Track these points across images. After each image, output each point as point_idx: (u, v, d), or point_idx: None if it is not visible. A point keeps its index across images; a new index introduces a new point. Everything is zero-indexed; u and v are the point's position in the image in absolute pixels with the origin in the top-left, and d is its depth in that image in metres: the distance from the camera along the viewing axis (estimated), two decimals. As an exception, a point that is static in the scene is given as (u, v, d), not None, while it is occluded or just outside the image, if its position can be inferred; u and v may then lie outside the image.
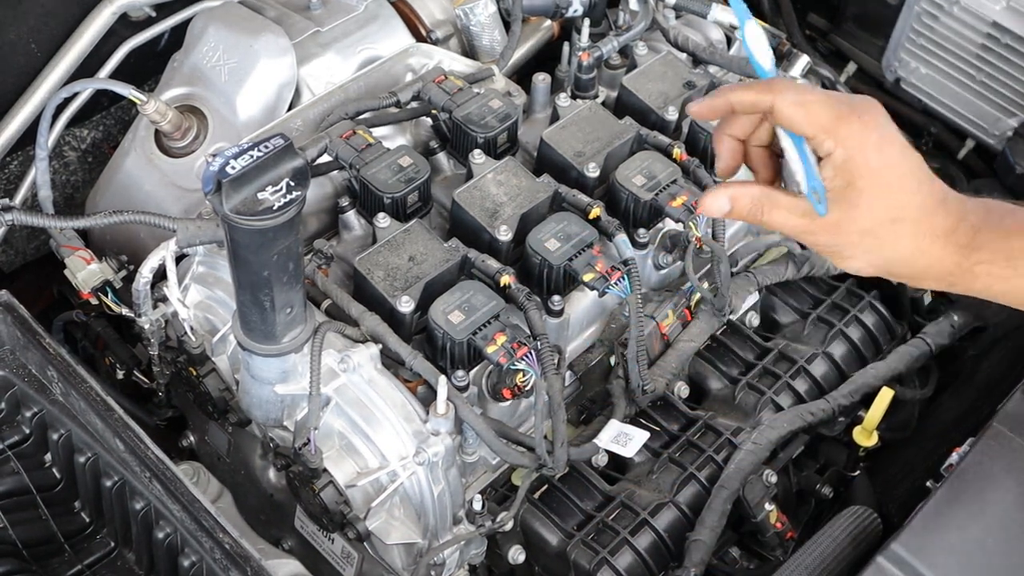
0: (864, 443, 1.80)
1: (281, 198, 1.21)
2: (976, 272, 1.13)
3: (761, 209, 1.14)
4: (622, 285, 1.61)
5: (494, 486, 1.68)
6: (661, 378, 1.73)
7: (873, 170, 1.08)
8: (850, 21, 2.62)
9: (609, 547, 1.56)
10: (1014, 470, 1.46)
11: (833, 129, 1.07)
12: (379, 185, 1.66)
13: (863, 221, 1.10)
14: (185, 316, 1.57)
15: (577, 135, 1.78)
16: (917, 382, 1.98)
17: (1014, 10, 2.18)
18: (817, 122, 1.08)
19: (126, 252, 1.76)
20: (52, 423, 1.62)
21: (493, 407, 1.61)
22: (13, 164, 2.09)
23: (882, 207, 1.10)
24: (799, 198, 1.12)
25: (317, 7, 1.98)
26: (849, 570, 1.51)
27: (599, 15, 2.07)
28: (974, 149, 2.45)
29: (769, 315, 1.97)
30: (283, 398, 1.52)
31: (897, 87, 2.50)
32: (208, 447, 1.85)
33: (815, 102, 1.08)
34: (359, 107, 1.80)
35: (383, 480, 1.51)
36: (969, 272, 1.13)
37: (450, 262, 1.59)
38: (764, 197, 1.14)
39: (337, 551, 1.68)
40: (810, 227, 1.13)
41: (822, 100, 1.09)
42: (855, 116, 1.08)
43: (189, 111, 1.85)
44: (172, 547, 1.55)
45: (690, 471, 1.66)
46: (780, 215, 1.14)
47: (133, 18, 2.07)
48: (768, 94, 1.10)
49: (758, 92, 1.11)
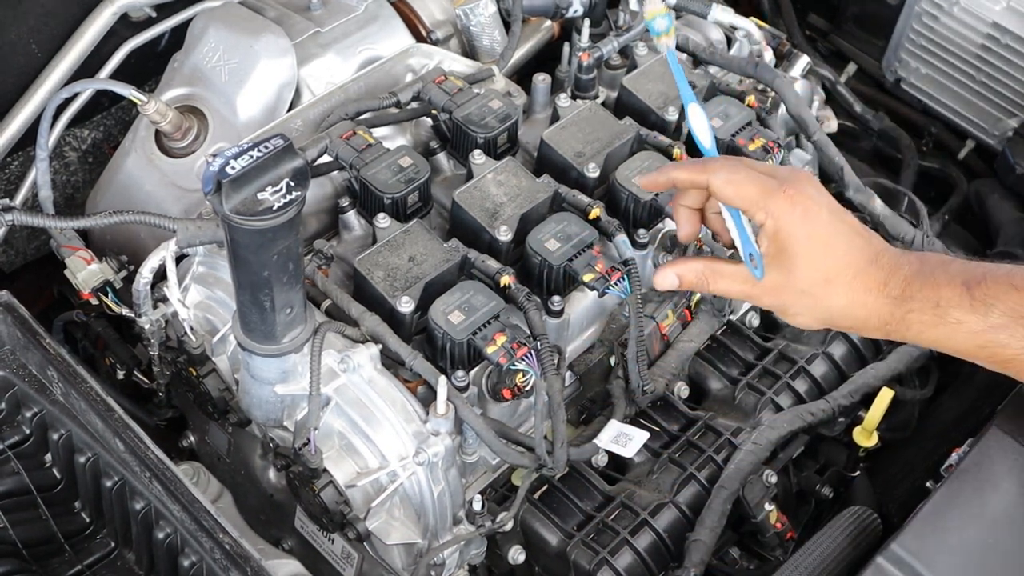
0: (864, 443, 1.80)
1: (281, 198, 1.21)
2: (908, 321, 1.23)
3: (707, 280, 1.29)
4: (622, 285, 1.61)
5: (494, 486, 1.68)
6: (661, 378, 1.74)
7: (801, 238, 1.21)
8: (850, 21, 2.62)
9: (609, 547, 1.56)
10: (1014, 470, 1.46)
11: (762, 203, 1.21)
12: (379, 185, 1.66)
13: (799, 283, 1.23)
14: (185, 316, 1.57)
15: (577, 135, 1.78)
16: (917, 382, 1.98)
17: (1014, 10, 2.18)
18: (747, 197, 1.22)
19: (126, 252, 1.76)
20: (52, 423, 1.62)
21: (493, 407, 1.61)
22: (13, 164, 2.09)
23: (814, 269, 1.22)
24: (740, 266, 1.26)
25: (317, 7, 1.98)
26: (849, 570, 1.51)
27: (599, 15, 2.07)
28: (974, 149, 2.45)
29: (769, 315, 1.97)
30: (283, 398, 1.52)
31: (897, 87, 2.50)
32: (208, 447, 1.85)
33: (744, 180, 1.22)
34: (359, 107, 1.80)
35: (383, 480, 1.51)
36: (902, 321, 1.23)
37: (450, 262, 1.59)
38: (708, 270, 1.29)
39: (337, 551, 1.68)
40: (752, 292, 1.27)
41: (751, 178, 1.22)
42: (781, 190, 1.21)
43: (189, 111, 1.85)
44: (172, 547, 1.55)
45: (690, 471, 1.66)
46: (724, 283, 1.28)
47: (133, 18, 2.07)
48: (703, 174, 1.25)
49: (694, 172, 1.26)
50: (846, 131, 2.51)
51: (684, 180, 1.28)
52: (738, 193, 1.22)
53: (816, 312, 1.26)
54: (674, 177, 1.29)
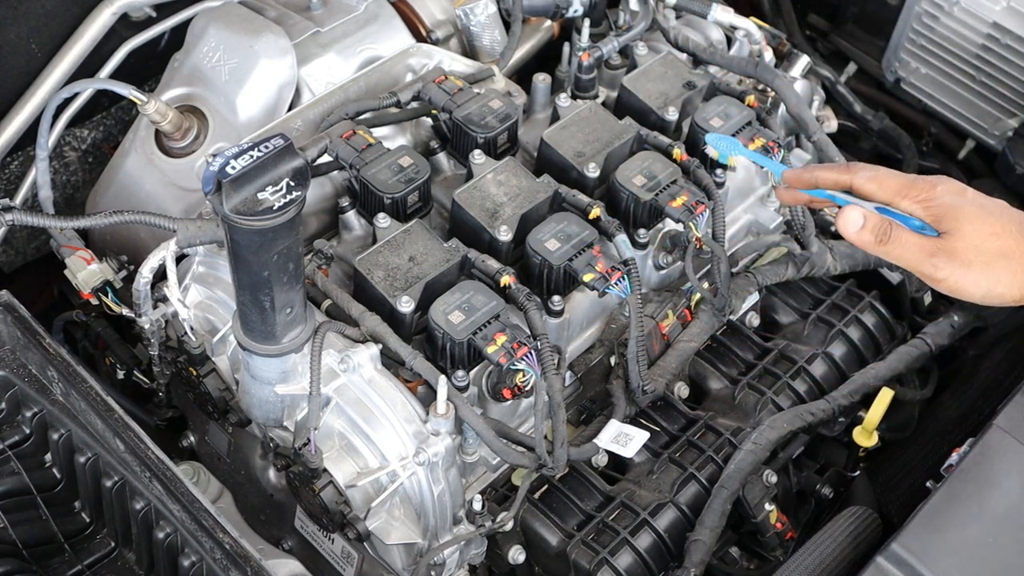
0: (864, 443, 1.80)
1: (281, 198, 1.21)
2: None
3: (887, 234, 1.30)
4: (622, 285, 1.61)
5: (494, 486, 1.68)
6: (661, 378, 1.73)
7: (954, 205, 1.27)
8: (850, 21, 2.62)
9: (609, 547, 1.56)
10: (1014, 470, 1.46)
11: (904, 191, 1.30)
12: (379, 185, 1.66)
13: (969, 239, 1.27)
14: (185, 316, 1.57)
15: (577, 135, 1.78)
16: (917, 382, 1.99)
17: (1014, 10, 2.18)
18: (890, 187, 1.30)
19: (126, 252, 1.76)
20: (52, 423, 1.62)
21: (493, 407, 1.61)
22: (13, 164, 2.09)
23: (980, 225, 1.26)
24: (912, 233, 1.29)
25: (317, 7, 1.98)
26: (849, 570, 1.51)
27: (599, 15, 2.07)
28: (974, 149, 2.45)
29: (769, 315, 1.97)
30: (283, 398, 1.52)
31: (897, 87, 2.50)
32: (208, 447, 1.85)
33: (885, 176, 1.32)
34: (359, 107, 1.80)
35: (383, 480, 1.51)
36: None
37: (450, 262, 1.59)
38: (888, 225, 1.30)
39: (337, 551, 1.68)
40: (926, 258, 1.28)
41: (891, 173, 1.32)
42: (920, 180, 1.30)
43: (189, 111, 1.85)
44: (172, 547, 1.55)
45: (690, 471, 1.66)
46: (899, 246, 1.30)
47: (133, 18, 2.07)
48: (847, 174, 1.35)
49: (839, 172, 1.36)
50: (846, 131, 2.51)
51: (829, 180, 1.36)
52: (882, 186, 1.31)
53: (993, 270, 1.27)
54: (819, 176, 1.37)
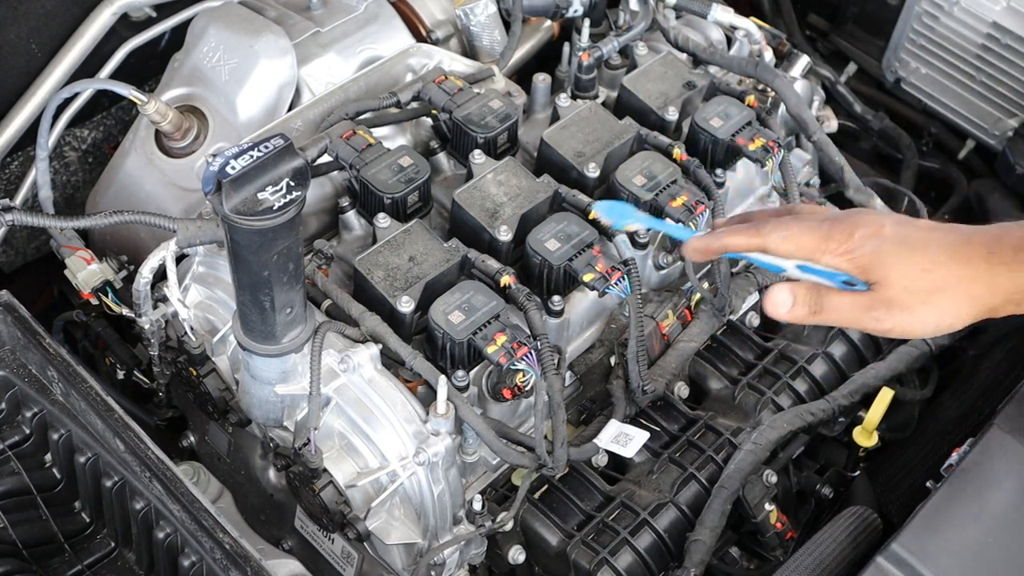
0: (864, 443, 1.80)
1: (281, 198, 1.21)
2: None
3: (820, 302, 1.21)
4: (622, 285, 1.61)
5: (494, 486, 1.67)
6: (661, 378, 1.73)
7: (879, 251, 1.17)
8: (850, 21, 2.63)
9: (609, 547, 1.56)
10: (1014, 470, 1.46)
11: (823, 245, 1.18)
12: (379, 185, 1.66)
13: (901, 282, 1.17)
14: (185, 316, 1.57)
15: (577, 135, 1.78)
16: (917, 382, 1.98)
17: (1014, 10, 2.18)
18: (806, 246, 1.19)
19: (126, 252, 1.76)
20: (52, 423, 1.62)
21: (493, 407, 1.61)
22: (14, 164, 2.09)
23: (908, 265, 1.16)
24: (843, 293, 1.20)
25: (317, 7, 1.98)
26: (849, 570, 1.51)
27: (599, 15, 2.07)
28: (974, 149, 2.45)
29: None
30: (283, 398, 1.52)
31: (897, 87, 2.50)
32: (208, 447, 1.85)
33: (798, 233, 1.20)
34: (359, 107, 1.80)
35: (383, 480, 1.51)
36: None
37: (450, 262, 1.59)
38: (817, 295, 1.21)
39: (337, 551, 1.68)
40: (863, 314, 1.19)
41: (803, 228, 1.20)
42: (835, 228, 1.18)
43: (189, 111, 1.85)
44: (172, 547, 1.55)
45: (690, 471, 1.66)
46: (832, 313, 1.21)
47: (133, 18, 2.07)
48: (757, 237, 1.22)
49: (748, 236, 1.23)
50: (846, 131, 2.51)
51: (739, 245, 1.25)
52: (798, 245, 1.20)
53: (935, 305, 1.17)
54: (728, 243, 1.25)
